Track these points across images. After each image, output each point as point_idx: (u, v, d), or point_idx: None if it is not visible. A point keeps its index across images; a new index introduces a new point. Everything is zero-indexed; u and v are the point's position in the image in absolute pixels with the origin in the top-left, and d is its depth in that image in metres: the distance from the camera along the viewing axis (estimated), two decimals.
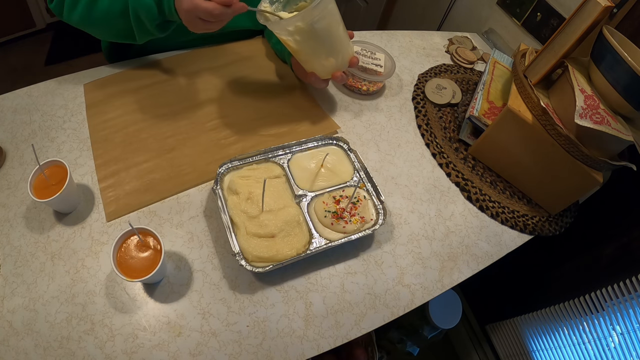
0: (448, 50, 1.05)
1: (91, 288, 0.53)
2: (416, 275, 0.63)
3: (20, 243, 0.55)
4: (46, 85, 0.73)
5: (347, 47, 0.69)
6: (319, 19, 0.60)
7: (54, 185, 0.55)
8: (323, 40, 0.64)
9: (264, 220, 0.58)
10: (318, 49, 0.65)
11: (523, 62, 0.75)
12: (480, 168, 0.79)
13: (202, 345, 0.51)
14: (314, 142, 0.70)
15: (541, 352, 1.06)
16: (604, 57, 0.61)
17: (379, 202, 0.64)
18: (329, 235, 0.60)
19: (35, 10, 1.96)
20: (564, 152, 0.66)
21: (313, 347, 0.54)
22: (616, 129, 0.60)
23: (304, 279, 0.59)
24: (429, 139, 0.81)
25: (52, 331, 0.49)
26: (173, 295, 0.54)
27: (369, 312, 0.58)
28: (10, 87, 0.71)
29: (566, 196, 0.73)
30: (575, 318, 0.94)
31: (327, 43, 0.65)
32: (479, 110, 0.77)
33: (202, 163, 0.67)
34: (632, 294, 0.79)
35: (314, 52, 0.66)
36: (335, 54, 0.67)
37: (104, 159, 0.65)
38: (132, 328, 0.51)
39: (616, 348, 0.85)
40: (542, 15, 1.01)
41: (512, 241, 0.71)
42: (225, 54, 0.83)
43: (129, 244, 0.52)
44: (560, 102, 0.67)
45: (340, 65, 0.70)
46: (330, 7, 0.61)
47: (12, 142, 0.65)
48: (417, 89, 0.90)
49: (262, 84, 0.81)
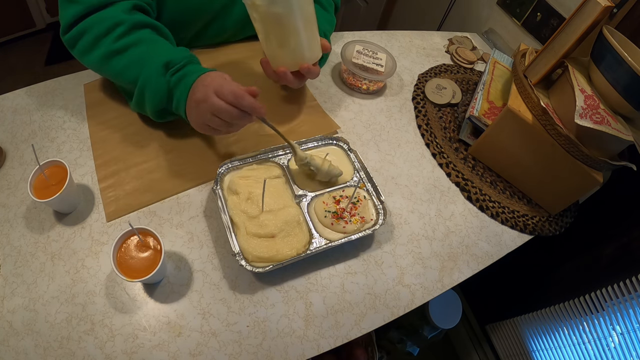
0: (448, 50, 1.05)
1: (91, 288, 0.53)
2: (416, 275, 0.63)
3: (20, 243, 0.55)
4: (46, 85, 0.73)
5: (304, 49, 0.63)
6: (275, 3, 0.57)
7: (54, 186, 0.54)
8: (274, 26, 0.60)
9: (264, 220, 0.58)
10: (269, 34, 0.62)
11: (523, 62, 0.75)
12: (480, 168, 0.79)
13: (202, 345, 0.51)
14: (314, 142, 0.70)
15: (541, 352, 1.06)
16: (604, 57, 0.61)
17: (379, 202, 0.64)
18: (329, 235, 0.60)
19: (35, 10, 1.96)
20: (564, 152, 0.66)
21: (313, 347, 0.54)
22: (616, 129, 0.60)
23: (304, 279, 0.59)
24: (429, 139, 0.81)
25: (52, 331, 0.49)
26: (173, 295, 0.54)
27: (369, 312, 0.58)
28: (10, 87, 0.71)
29: (566, 196, 0.73)
30: (575, 318, 0.94)
31: (279, 32, 0.61)
32: (479, 110, 0.77)
33: (202, 163, 0.67)
34: (632, 294, 0.79)
35: (266, 36, 0.62)
36: (287, 48, 0.62)
37: (104, 159, 0.65)
38: (132, 328, 0.51)
39: (616, 348, 0.85)
40: (542, 15, 1.01)
41: (512, 241, 0.71)
42: (225, 54, 0.83)
43: (129, 244, 0.52)
44: (560, 102, 0.67)
45: (289, 63, 0.64)
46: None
47: (12, 142, 0.65)
48: (417, 89, 0.90)
49: (262, 84, 0.81)
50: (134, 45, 0.59)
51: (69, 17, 0.59)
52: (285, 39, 0.61)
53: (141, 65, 0.58)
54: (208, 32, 0.79)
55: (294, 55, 0.63)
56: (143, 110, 0.64)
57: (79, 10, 0.59)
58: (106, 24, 0.59)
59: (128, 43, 0.59)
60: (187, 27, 0.74)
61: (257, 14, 0.59)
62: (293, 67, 0.65)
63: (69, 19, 0.59)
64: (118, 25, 0.59)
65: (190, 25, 0.75)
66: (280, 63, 0.65)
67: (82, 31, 0.59)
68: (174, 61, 0.58)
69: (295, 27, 0.60)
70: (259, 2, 0.57)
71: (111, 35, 0.59)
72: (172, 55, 0.59)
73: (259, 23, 0.61)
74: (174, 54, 0.59)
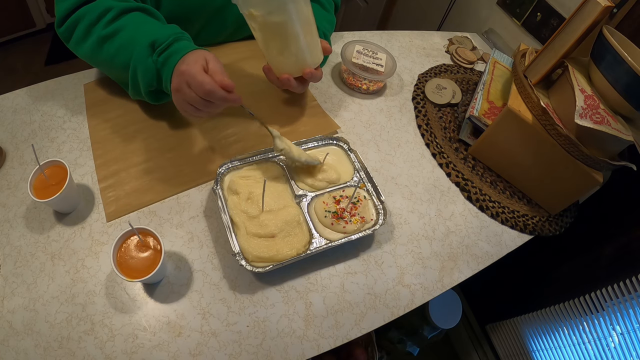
0: (448, 50, 1.05)
1: (91, 288, 0.53)
2: (416, 275, 0.63)
3: (20, 243, 0.55)
4: (46, 85, 0.73)
5: (305, 54, 0.63)
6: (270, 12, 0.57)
7: (54, 185, 0.54)
8: (273, 35, 0.60)
9: (264, 220, 0.58)
10: (269, 42, 0.62)
11: (523, 62, 0.75)
12: (480, 168, 0.79)
13: (202, 345, 0.51)
14: (314, 142, 0.70)
15: (541, 352, 1.06)
16: (604, 57, 0.61)
17: (379, 202, 0.64)
18: (329, 235, 0.60)
19: (35, 10, 1.96)
20: (564, 152, 0.66)
21: (313, 347, 0.54)
22: (616, 129, 0.60)
23: (304, 279, 0.59)
24: (429, 139, 0.81)
25: (52, 331, 0.49)
26: (173, 295, 0.54)
27: (369, 312, 0.58)
28: (10, 87, 0.71)
29: (566, 196, 0.73)
30: (575, 318, 0.94)
31: (279, 40, 0.61)
32: (479, 110, 0.77)
33: (202, 163, 0.67)
34: (632, 294, 0.79)
35: (266, 44, 0.62)
36: (287, 55, 0.63)
37: (104, 159, 0.65)
38: (132, 328, 0.51)
39: (616, 348, 0.85)
40: (542, 15, 1.01)
41: (512, 241, 0.71)
42: (225, 54, 0.83)
43: (129, 244, 0.52)
44: (560, 102, 0.67)
45: (291, 69, 0.65)
46: (288, 6, 0.57)
47: (12, 142, 0.65)
48: (417, 89, 0.90)
49: (262, 84, 0.81)
50: (123, 29, 0.59)
51: (62, 10, 0.59)
52: (286, 46, 0.61)
53: (131, 48, 0.58)
54: (208, 30, 0.79)
55: (296, 62, 0.64)
56: (140, 95, 0.64)
57: (71, 2, 0.59)
58: (97, 12, 0.59)
59: (117, 27, 0.58)
60: (186, 25, 0.74)
61: (255, 24, 0.59)
62: (296, 73, 0.65)
63: (62, 12, 0.59)
64: (108, 11, 0.59)
65: (190, 23, 0.75)
66: (283, 70, 0.65)
67: (75, 22, 0.60)
68: (159, 40, 0.57)
69: (295, 34, 0.60)
70: (257, 13, 0.57)
71: (101, 22, 0.59)
72: (158, 34, 0.58)
73: (258, 32, 0.61)
74: (159, 33, 0.58)
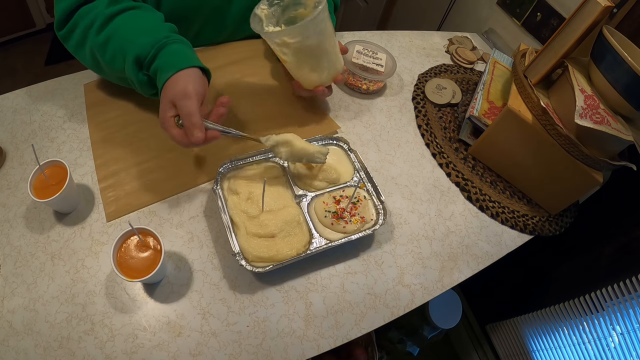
0: (448, 50, 1.05)
1: (91, 288, 0.53)
2: (416, 275, 0.63)
3: (20, 243, 0.55)
4: (46, 85, 0.73)
5: (335, 64, 0.68)
6: (307, 37, 0.59)
7: (54, 185, 0.54)
8: (307, 57, 0.63)
9: (264, 220, 0.58)
10: (302, 63, 0.65)
11: (523, 62, 0.75)
12: (480, 168, 0.79)
13: (202, 345, 0.51)
14: (314, 143, 0.70)
15: (541, 352, 1.06)
16: (604, 57, 0.61)
17: (379, 202, 0.64)
18: (329, 235, 0.60)
19: (35, 10, 1.96)
20: (564, 152, 0.66)
21: (313, 347, 0.54)
22: (616, 129, 0.60)
23: (304, 279, 0.59)
24: (429, 139, 0.81)
25: (52, 331, 0.49)
26: (173, 295, 0.54)
27: (369, 312, 0.58)
28: (10, 87, 0.71)
29: (566, 196, 0.73)
30: (575, 318, 0.94)
31: (312, 60, 0.64)
32: (479, 110, 0.77)
33: (202, 163, 0.67)
34: (632, 294, 0.79)
35: (298, 65, 0.66)
36: (319, 70, 0.67)
37: (104, 159, 0.65)
38: (132, 328, 0.51)
39: (616, 348, 0.85)
40: (542, 15, 1.01)
41: (512, 241, 0.71)
42: (225, 54, 0.83)
43: (129, 244, 0.52)
44: (560, 102, 0.67)
45: (325, 81, 0.70)
46: (320, 27, 0.60)
47: (12, 142, 0.65)
48: (417, 89, 0.90)
49: (262, 84, 0.81)
50: (112, 38, 0.59)
51: (60, 11, 0.59)
52: (319, 63, 0.66)
53: (121, 58, 0.58)
54: (208, 29, 0.79)
55: (328, 73, 0.69)
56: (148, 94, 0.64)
57: (68, 4, 0.59)
58: (90, 17, 0.59)
59: (108, 35, 0.58)
60: (186, 23, 0.74)
61: (288, 50, 0.62)
62: (328, 82, 0.70)
63: (61, 14, 0.59)
64: (97, 17, 0.59)
65: (189, 23, 0.75)
66: (315, 84, 0.70)
67: (73, 25, 0.60)
68: (142, 55, 0.57)
69: (326, 50, 0.65)
70: (292, 40, 0.59)
71: (93, 28, 0.59)
72: (140, 47, 0.56)
73: (291, 57, 0.64)
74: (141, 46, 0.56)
